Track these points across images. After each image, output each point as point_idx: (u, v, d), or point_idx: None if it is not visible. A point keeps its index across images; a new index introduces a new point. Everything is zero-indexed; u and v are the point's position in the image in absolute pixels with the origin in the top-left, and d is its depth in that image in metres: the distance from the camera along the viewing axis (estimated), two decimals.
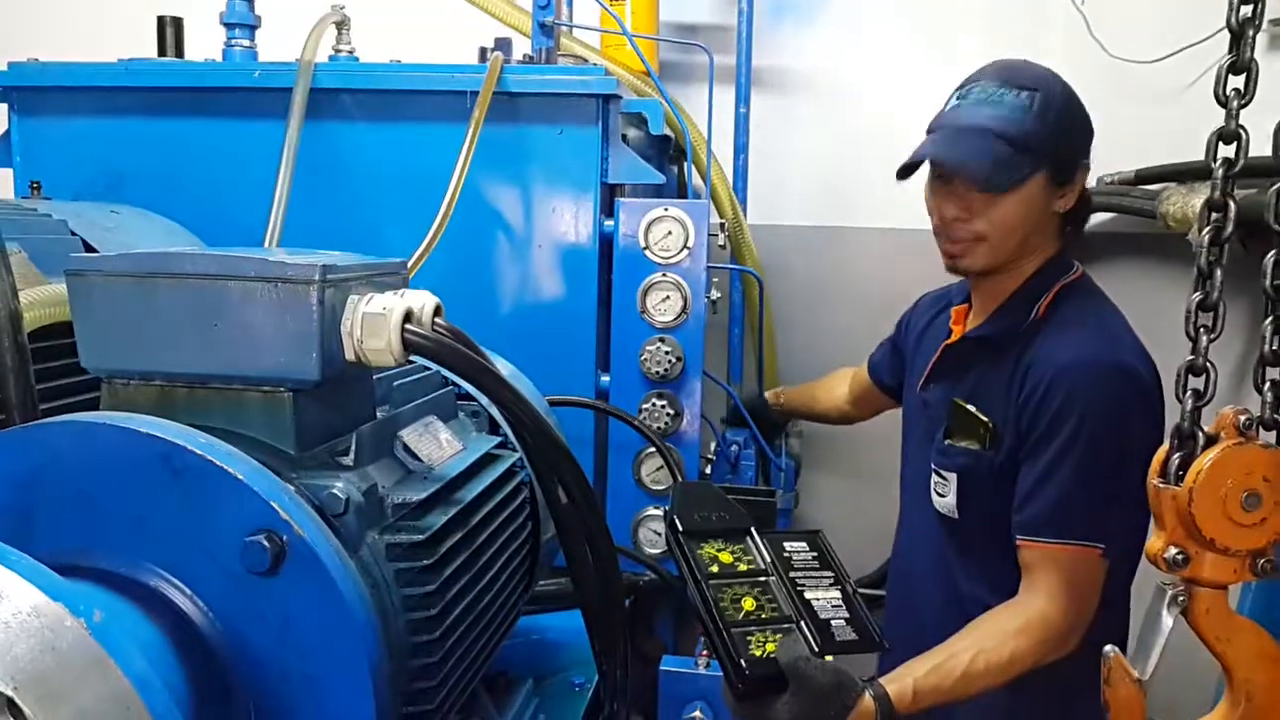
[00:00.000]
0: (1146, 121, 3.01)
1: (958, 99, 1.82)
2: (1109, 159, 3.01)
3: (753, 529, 1.66)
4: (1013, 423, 1.77)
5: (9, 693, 0.71)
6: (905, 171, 1.83)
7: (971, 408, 1.83)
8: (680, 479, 2.15)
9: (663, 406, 2.39)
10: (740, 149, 3.16)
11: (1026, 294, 1.84)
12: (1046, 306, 1.81)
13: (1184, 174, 2.92)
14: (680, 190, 3.17)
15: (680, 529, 1.60)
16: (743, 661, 1.44)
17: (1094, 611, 1.68)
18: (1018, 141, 1.72)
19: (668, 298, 2.36)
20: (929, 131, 1.84)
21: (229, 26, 2.61)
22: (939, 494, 1.89)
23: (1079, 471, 1.67)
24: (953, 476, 1.85)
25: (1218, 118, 1.20)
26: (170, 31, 2.66)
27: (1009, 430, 1.77)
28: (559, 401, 2.21)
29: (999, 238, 1.78)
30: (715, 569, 1.57)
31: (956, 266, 1.86)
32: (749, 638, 1.48)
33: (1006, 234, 1.78)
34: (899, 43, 3.29)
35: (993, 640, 1.63)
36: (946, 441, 1.87)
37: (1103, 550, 1.67)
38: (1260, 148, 1.23)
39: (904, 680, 1.57)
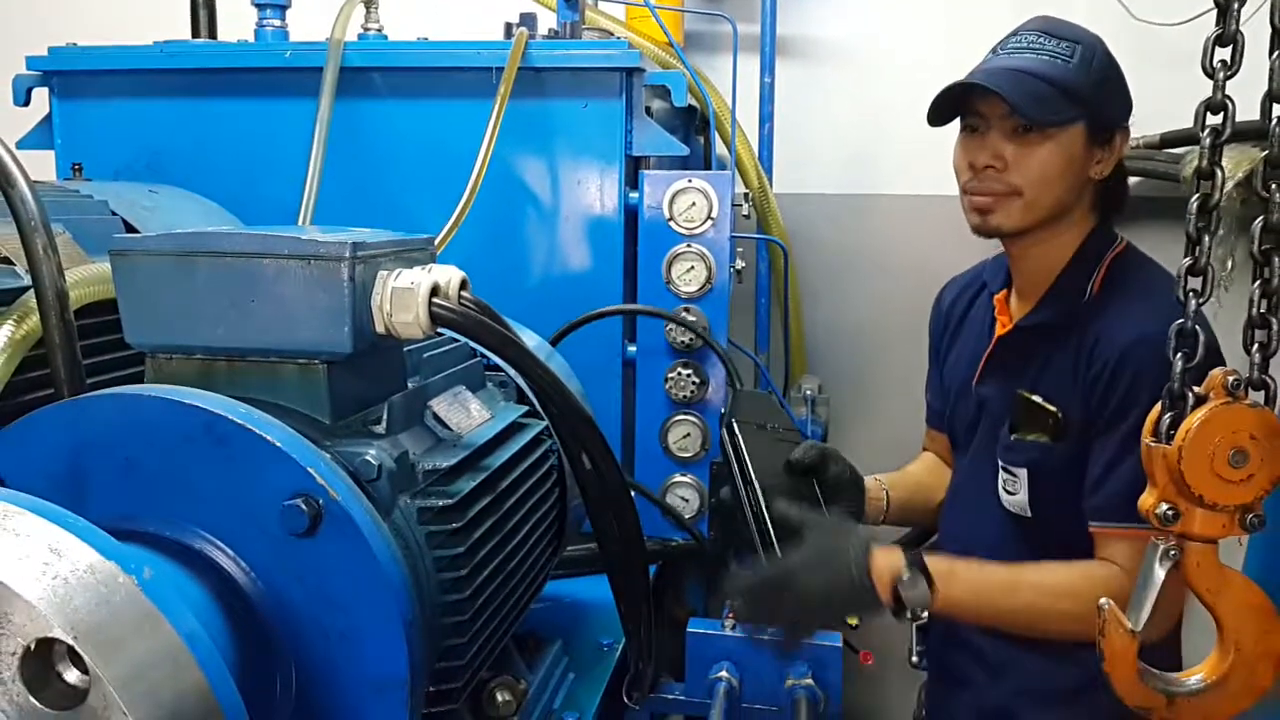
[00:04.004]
0: (1171, 85, 2.98)
1: (994, 52, 1.78)
2: (1133, 123, 3.00)
3: None
4: (1080, 407, 1.71)
5: (69, 641, 0.77)
6: (936, 114, 1.77)
7: (1037, 398, 1.76)
8: (738, 385, 2.30)
9: (688, 375, 2.42)
10: (765, 118, 3.18)
11: (1076, 272, 1.78)
12: (1101, 282, 1.76)
13: None
14: (706, 161, 3.20)
15: (736, 426, 1.87)
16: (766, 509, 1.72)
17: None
18: (1058, 83, 1.68)
19: (692, 268, 2.38)
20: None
21: (260, 7, 2.64)
22: (1008, 492, 1.82)
23: None
24: (1022, 472, 1.79)
25: (1242, 81, 1.19)
26: (203, 13, 2.72)
27: (1077, 416, 1.71)
28: (595, 316, 2.32)
29: (1034, 191, 1.72)
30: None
31: (986, 224, 1.77)
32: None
33: (1043, 187, 1.71)
34: (924, 8, 3.29)
35: (1051, 571, 1.65)
36: (1013, 436, 1.80)
37: None
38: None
39: (949, 561, 1.63)
